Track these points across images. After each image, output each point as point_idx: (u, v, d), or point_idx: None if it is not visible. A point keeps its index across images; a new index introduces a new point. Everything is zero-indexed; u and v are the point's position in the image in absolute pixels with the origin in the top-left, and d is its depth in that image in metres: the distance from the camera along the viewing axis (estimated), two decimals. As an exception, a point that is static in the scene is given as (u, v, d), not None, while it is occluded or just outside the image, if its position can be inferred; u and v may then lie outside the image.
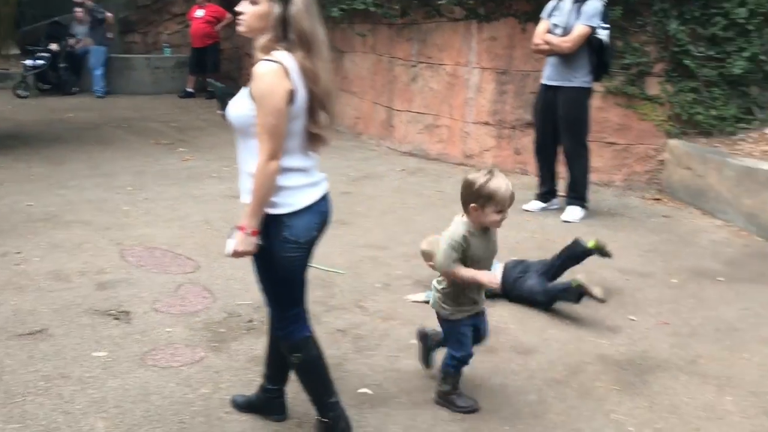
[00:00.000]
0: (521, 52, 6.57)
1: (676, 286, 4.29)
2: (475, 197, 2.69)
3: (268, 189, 2.30)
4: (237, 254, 2.36)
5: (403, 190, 6.41)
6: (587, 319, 3.78)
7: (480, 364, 3.27)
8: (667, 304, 4.02)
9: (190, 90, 11.94)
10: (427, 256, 3.99)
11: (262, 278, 2.51)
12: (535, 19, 5.57)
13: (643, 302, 4.03)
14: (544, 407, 2.93)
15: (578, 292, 3.69)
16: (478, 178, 2.69)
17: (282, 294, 2.51)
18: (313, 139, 2.41)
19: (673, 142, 6.07)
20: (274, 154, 2.27)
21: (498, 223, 2.74)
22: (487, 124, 7.09)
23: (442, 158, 7.50)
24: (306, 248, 2.45)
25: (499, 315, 3.81)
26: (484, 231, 2.79)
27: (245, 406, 2.83)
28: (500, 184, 2.67)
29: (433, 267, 4.13)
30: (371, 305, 3.90)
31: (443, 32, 7.39)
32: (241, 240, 2.34)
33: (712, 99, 6.04)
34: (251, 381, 2.97)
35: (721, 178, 5.48)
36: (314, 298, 3.95)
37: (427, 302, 3.93)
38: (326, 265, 4.39)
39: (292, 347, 2.55)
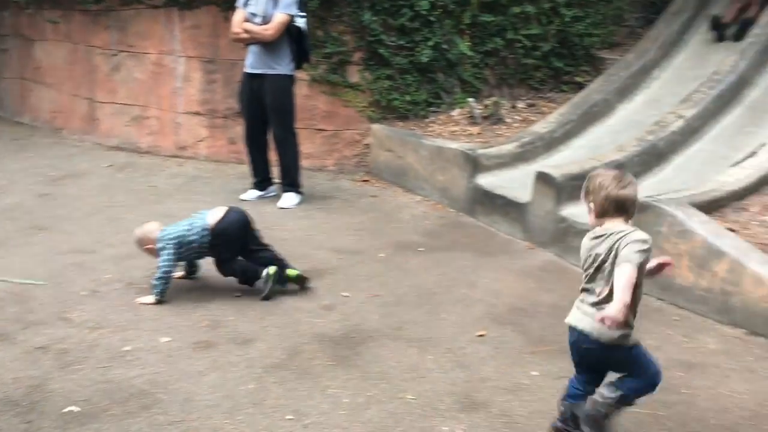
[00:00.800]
0: (226, 41, 6.49)
1: (383, 260, 4.62)
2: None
3: None
4: None
5: (111, 187, 6.03)
6: (304, 301, 3.91)
7: (197, 361, 3.22)
8: (377, 277, 4.31)
9: None
10: (143, 241, 3.89)
11: None
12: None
13: (355, 278, 4.27)
14: (264, 394, 2.98)
15: (265, 281, 3.85)
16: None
17: None
18: None
19: (376, 127, 6.49)
20: None
21: None
22: (198, 114, 6.94)
23: (154, 151, 7.18)
24: None
25: (218, 307, 3.78)
26: None
27: None
28: None
29: (150, 251, 3.89)
30: (77, 316, 3.61)
31: (143, 20, 7.03)
32: None
33: (405, 85, 6.56)
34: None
35: (418, 157, 6.01)
36: (7, 315, 3.59)
37: (157, 303, 3.74)
38: (21, 277, 3.97)
39: None
